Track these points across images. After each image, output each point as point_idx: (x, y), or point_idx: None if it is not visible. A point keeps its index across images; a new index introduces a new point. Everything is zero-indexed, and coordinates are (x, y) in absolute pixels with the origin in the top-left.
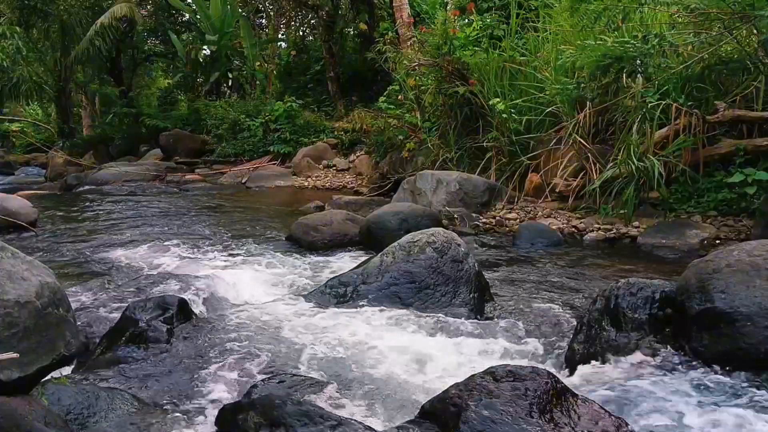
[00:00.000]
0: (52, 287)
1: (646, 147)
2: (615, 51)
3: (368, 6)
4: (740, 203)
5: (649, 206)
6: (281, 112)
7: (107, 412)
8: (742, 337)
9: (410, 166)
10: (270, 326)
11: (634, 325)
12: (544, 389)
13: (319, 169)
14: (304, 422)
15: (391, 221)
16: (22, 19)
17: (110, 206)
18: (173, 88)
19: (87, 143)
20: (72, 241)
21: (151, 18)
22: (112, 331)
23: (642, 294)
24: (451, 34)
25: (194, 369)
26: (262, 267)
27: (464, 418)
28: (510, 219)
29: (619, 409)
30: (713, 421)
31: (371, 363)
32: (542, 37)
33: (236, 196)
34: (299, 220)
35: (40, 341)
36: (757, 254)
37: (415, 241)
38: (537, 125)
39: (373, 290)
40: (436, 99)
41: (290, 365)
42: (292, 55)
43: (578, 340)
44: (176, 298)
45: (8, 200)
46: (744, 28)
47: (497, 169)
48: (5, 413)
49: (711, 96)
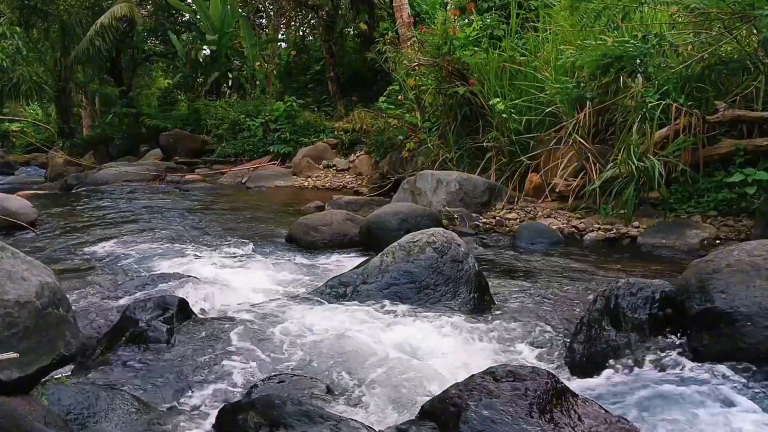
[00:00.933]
0: (52, 287)
1: (646, 147)
2: (615, 51)
3: (368, 6)
4: (740, 203)
5: (649, 206)
6: (281, 112)
7: (107, 412)
8: (742, 337)
9: (410, 166)
10: (270, 326)
11: (634, 325)
12: (544, 389)
13: (319, 169)
14: (304, 422)
15: (391, 221)
16: (22, 19)
17: (110, 206)
18: (173, 88)
19: (87, 143)
20: (72, 241)
21: (151, 18)
22: (112, 331)
23: (642, 294)
24: (451, 34)
25: (194, 369)
26: (262, 267)
27: (464, 418)
28: (510, 219)
29: (619, 409)
30: (713, 420)
31: (371, 363)
32: (542, 37)
33: (236, 196)
34: (299, 220)
35: (40, 341)
36: (757, 254)
37: (415, 241)
38: (537, 125)
39: (373, 290)
40: (436, 99)
41: (290, 365)
42: (292, 55)
43: (578, 340)
44: (176, 298)
45: (8, 200)
46: (744, 28)
47: (497, 169)
48: (5, 413)
49: (711, 96)
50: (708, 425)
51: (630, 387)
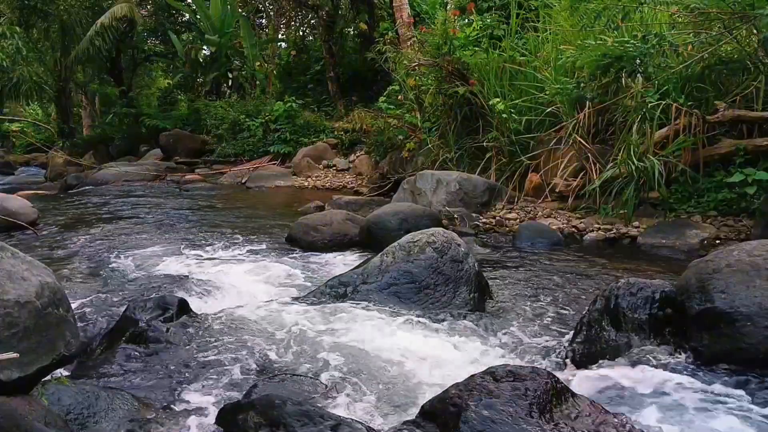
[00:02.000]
0: (52, 287)
1: (646, 147)
2: (615, 51)
3: (368, 6)
4: (740, 203)
5: (649, 206)
6: (281, 112)
7: (107, 412)
8: (742, 337)
9: (410, 166)
10: (270, 326)
11: (634, 325)
12: (544, 389)
13: (319, 169)
14: (304, 422)
15: (391, 221)
16: (22, 19)
17: (110, 206)
18: (173, 88)
19: (87, 143)
20: (72, 241)
21: (151, 18)
22: (112, 331)
23: (642, 294)
24: (451, 34)
25: (194, 369)
26: (262, 267)
27: (464, 418)
28: (510, 219)
29: (619, 409)
30: (713, 420)
31: (371, 363)
32: (542, 37)
33: (236, 196)
34: (299, 220)
35: (40, 341)
36: (757, 254)
37: (415, 241)
38: (537, 125)
39: (373, 290)
40: (436, 99)
41: (290, 365)
42: (292, 55)
43: (578, 340)
44: (176, 298)
45: (8, 200)
46: (744, 28)
47: (497, 169)
48: (5, 413)
49: (711, 96)
50: (708, 425)
51: (630, 387)
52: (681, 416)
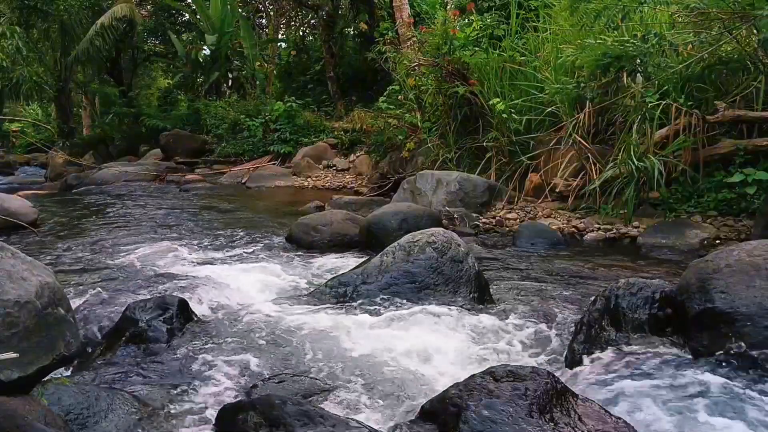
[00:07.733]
0: (52, 287)
1: (646, 147)
2: (615, 50)
3: (368, 6)
4: (740, 203)
5: (649, 206)
6: (281, 112)
7: (107, 413)
8: (742, 337)
9: (410, 166)
10: (270, 326)
11: (634, 325)
12: (544, 389)
13: (319, 169)
14: (304, 422)
15: (391, 221)
16: (22, 19)
17: (110, 206)
18: (173, 88)
19: (87, 143)
20: (72, 241)
21: (151, 18)
22: (112, 331)
23: (642, 294)
24: (451, 34)
25: (194, 369)
26: (262, 267)
27: (464, 418)
28: (510, 219)
29: (619, 409)
30: (713, 421)
31: (371, 363)
32: (542, 37)
33: (236, 196)
34: (299, 220)
35: (40, 341)
36: (757, 254)
37: (415, 241)
38: (537, 125)
39: (373, 290)
40: (436, 99)
41: (290, 365)
42: (292, 55)
43: (578, 340)
44: (176, 298)
45: (8, 200)
46: (744, 28)
47: (497, 169)
48: (5, 413)
49: (711, 96)
50: (708, 425)
51: (630, 387)
52: (681, 416)
